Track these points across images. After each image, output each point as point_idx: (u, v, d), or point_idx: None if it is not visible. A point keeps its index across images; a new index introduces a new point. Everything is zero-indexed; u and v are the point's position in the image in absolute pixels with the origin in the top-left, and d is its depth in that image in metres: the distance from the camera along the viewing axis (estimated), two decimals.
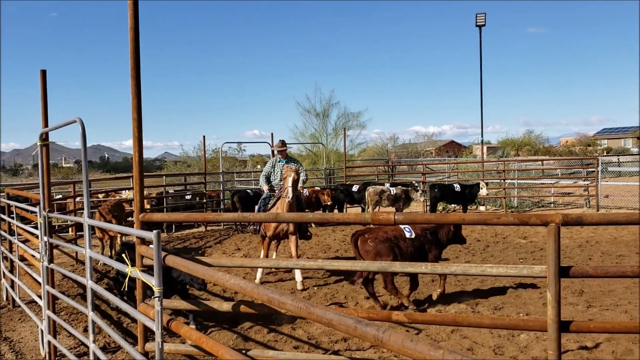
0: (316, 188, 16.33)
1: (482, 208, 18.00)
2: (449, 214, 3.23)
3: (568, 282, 7.80)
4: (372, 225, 5.81)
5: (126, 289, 5.64)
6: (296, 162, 9.42)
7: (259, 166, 39.50)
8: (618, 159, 28.06)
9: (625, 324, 3.31)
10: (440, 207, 17.23)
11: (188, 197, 16.68)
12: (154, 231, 3.15)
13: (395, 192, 15.03)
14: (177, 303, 4.52)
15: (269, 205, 8.88)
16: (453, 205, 17.26)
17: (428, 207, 17.07)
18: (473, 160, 31.53)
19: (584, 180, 18.00)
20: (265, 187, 9.32)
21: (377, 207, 15.01)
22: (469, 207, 16.95)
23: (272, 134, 18.67)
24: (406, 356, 1.70)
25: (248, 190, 16.58)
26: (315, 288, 8.30)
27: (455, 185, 16.71)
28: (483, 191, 16.16)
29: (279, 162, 9.36)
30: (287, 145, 9.52)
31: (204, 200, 16.44)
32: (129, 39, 3.97)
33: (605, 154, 45.79)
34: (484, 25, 21.63)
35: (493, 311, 6.86)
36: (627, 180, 22.29)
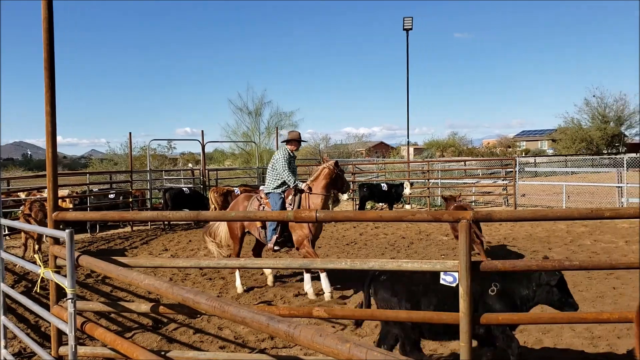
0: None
1: (407, 207, 18.52)
2: (368, 212, 3.32)
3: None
4: None
5: (37, 290, 5.38)
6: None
7: (190, 164, 38.69)
8: (534, 160, 29.78)
9: (530, 316, 3.52)
10: (368, 205, 17.60)
11: (112, 196, 16.10)
12: (67, 230, 3.02)
13: None
14: (93, 305, 4.36)
15: (296, 202, 7.78)
16: (380, 204, 17.67)
17: (357, 206, 17.37)
18: (400, 160, 32.40)
19: (503, 180, 18.93)
20: (292, 184, 7.89)
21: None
22: (395, 206, 17.41)
23: (202, 131, 18.44)
24: (316, 350, 1.73)
25: (184, 189, 16.22)
26: (245, 287, 8.25)
27: (382, 184, 17.15)
28: (407, 190, 16.64)
29: (292, 157, 8.30)
30: (220, 142, 9.18)
31: (130, 200, 15.92)
32: (42, 29, 3.80)
33: (523, 155, 48.32)
34: (411, 29, 22.26)
35: None
36: (543, 180, 23.70)
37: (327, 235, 13.04)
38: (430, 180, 19.48)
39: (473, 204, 19.29)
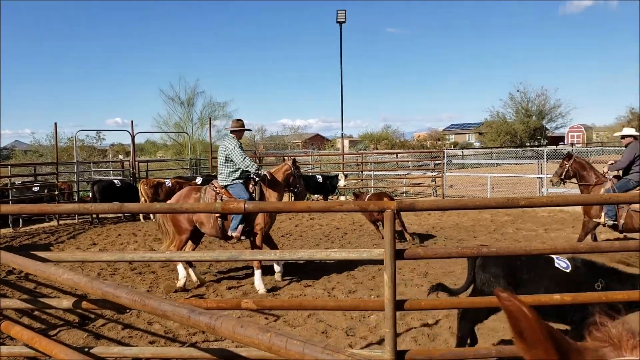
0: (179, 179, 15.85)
1: (342, 198, 18.76)
2: (297, 202, 3.35)
3: (414, 264, 8.44)
4: None
5: None
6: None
7: (120, 156, 37.39)
8: (462, 152, 30.94)
9: (450, 301, 3.68)
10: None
11: (36, 189, 15.32)
12: None
13: None
14: (11, 302, 4.16)
15: (257, 192, 7.61)
16: (316, 195, 17.80)
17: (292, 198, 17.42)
18: (334, 152, 32.74)
19: (432, 172, 19.54)
20: (254, 170, 7.67)
21: None
22: (330, 197, 17.60)
23: (132, 121, 17.85)
24: (237, 341, 1.73)
25: (115, 181, 15.63)
26: (176, 280, 8.10)
27: (317, 176, 17.27)
28: (342, 182, 16.85)
29: (240, 145, 7.93)
30: (150, 133, 8.92)
31: (55, 193, 15.20)
32: None
33: (452, 147, 50.01)
34: (344, 22, 22.42)
35: (347, 294, 7.19)
36: (469, 171, 24.65)
37: None
38: (364, 172, 19.82)
39: (404, 194, 19.82)
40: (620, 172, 8.91)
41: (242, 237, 7.83)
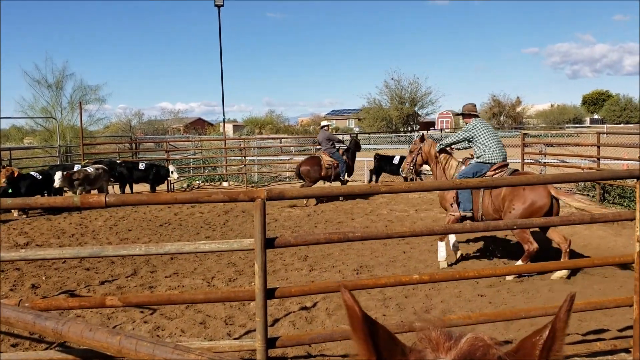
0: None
1: (225, 184, 18.53)
2: (161, 194, 3.25)
3: (296, 249, 8.58)
4: None
5: None
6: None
7: None
8: (342, 138, 31.78)
9: (317, 285, 3.81)
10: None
11: None
12: None
13: (91, 171, 13.98)
14: None
15: None
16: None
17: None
18: (216, 138, 32.16)
19: None
20: None
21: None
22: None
23: None
24: (87, 346, 1.66)
25: (32, 174, 13.98)
26: (44, 277, 7.55)
27: (140, 163, 16.29)
28: (174, 175, 16.12)
29: None
30: (14, 118, 8.12)
31: None
32: None
33: (334, 132, 51.27)
34: (222, 5, 21.95)
35: (227, 283, 7.16)
36: None
37: (139, 217, 12.50)
38: (247, 158, 19.69)
39: (287, 179, 20.01)
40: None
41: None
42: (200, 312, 6.00)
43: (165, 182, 16.48)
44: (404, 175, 8.77)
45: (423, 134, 8.91)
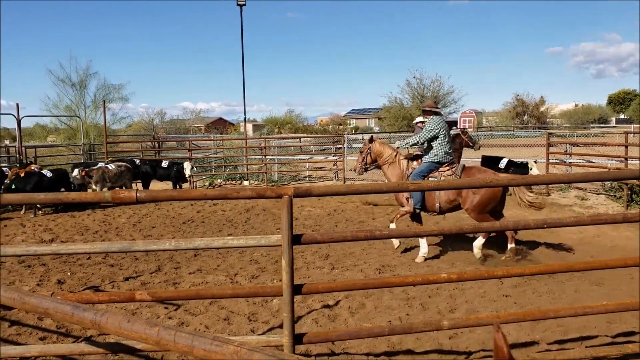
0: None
1: (245, 183, 18.63)
2: (192, 190, 3.27)
3: (317, 247, 8.60)
4: None
5: None
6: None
7: (6, 141, 34.46)
8: (362, 137, 31.74)
9: (344, 283, 3.81)
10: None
11: None
12: None
13: (112, 168, 14.20)
14: None
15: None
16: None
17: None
18: (237, 137, 32.32)
19: (334, 156, 19.89)
20: None
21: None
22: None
23: (17, 104, 16.48)
24: (125, 337, 1.68)
25: (43, 172, 14.24)
26: (69, 273, 7.67)
27: (163, 162, 16.47)
28: (187, 171, 16.06)
29: None
30: (39, 116, 8.33)
31: None
32: None
33: (353, 132, 51.20)
34: (244, 4, 22.09)
35: (250, 280, 7.19)
36: None
37: (162, 214, 12.63)
38: (267, 157, 19.76)
39: (307, 178, 20.03)
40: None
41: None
42: (224, 309, 6.03)
43: (188, 180, 16.61)
44: (356, 173, 8.96)
45: (372, 136, 9.21)
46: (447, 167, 7.98)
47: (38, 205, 12.93)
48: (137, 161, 15.94)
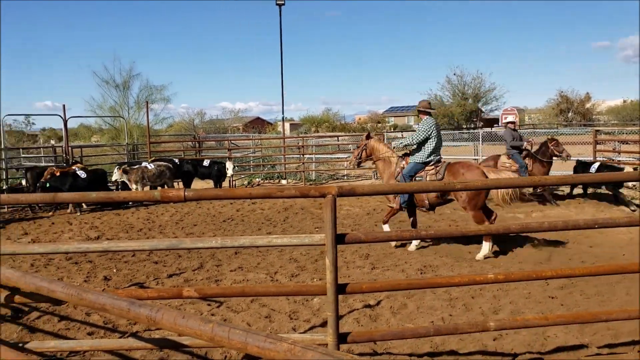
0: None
1: (284, 182, 18.75)
2: (237, 189, 3.32)
3: (356, 247, 8.58)
4: None
5: None
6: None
7: (52, 141, 35.73)
8: (402, 135, 31.49)
9: (388, 282, 3.79)
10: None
11: None
12: None
13: (151, 168, 14.49)
14: None
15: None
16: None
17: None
18: (275, 136, 32.56)
19: None
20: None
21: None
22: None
23: (64, 105, 17.04)
24: (179, 333, 1.72)
25: (77, 172, 14.75)
26: (115, 270, 7.89)
27: (205, 161, 16.69)
28: (229, 171, 16.26)
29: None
30: (84, 117, 8.68)
31: None
32: None
33: (392, 130, 50.84)
34: (283, 4, 22.25)
35: (290, 278, 7.24)
36: None
37: (203, 213, 12.85)
38: (305, 156, 19.83)
39: (345, 177, 20.02)
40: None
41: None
42: (265, 306, 6.09)
43: (227, 179, 16.84)
44: (350, 166, 9.71)
45: (369, 133, 9.68)
46: (432, 167, 8.28)
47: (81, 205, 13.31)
48: (177, 160, 16.26)
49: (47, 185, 12.97)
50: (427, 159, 8.31)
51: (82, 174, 13.65)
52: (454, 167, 8.21)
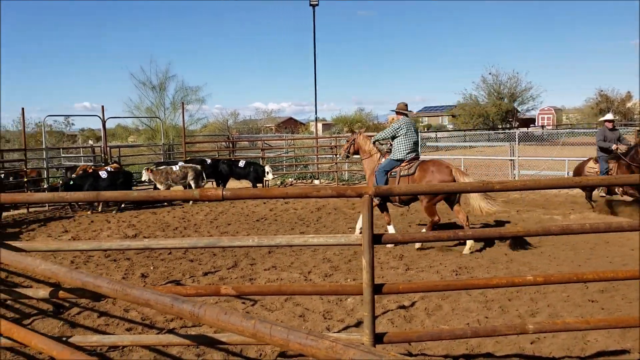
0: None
1: (316, 182, 18.80)
2: (273, 189, 3.35)
3: (390, 247, 8.55)
4: None
5: None
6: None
7: (90, 141, 36.68)
8: (436, 135, 31.25)
9: (425, 283, 3.76)
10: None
11: (1, 176, 14.96)
12: None
13: (175, 169, 14.80)
14: None
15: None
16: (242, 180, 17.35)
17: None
18: (308, 136, 32.67)
19: None
20: None
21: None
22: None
23: (102, 106, 17.49)
24: (221, 328, 1.75)
25: (100, 172, 15.18)
26: (152, 267, 8.05)
27: (240, 162, 16.84)
28: (269, 176, 16.42)
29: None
30: (122, 118, 8.97)
31: (24, 180, 14.83)
32: None
33: (426, 130, 50.37)
34: (317, 4, 22.31)
35: (323, 278, 7.26)
36: (443, 154, 24.93)
37: (237, 212, 12.99)
38: (337, 156, 19.84)
39: None
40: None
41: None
42: (299, 306, 6.12)
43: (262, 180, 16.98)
44: (340, 158, 10.34)
45: (358, 129, 10.47)
46: (407, 164, 8.84)
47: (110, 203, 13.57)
48: (208, 160, 16.48)
49: (72, 183, 13.30)
50: (402, 156, 8.88)
51: (103, 174, 13.90)
52: (426, 164, 8.83)
